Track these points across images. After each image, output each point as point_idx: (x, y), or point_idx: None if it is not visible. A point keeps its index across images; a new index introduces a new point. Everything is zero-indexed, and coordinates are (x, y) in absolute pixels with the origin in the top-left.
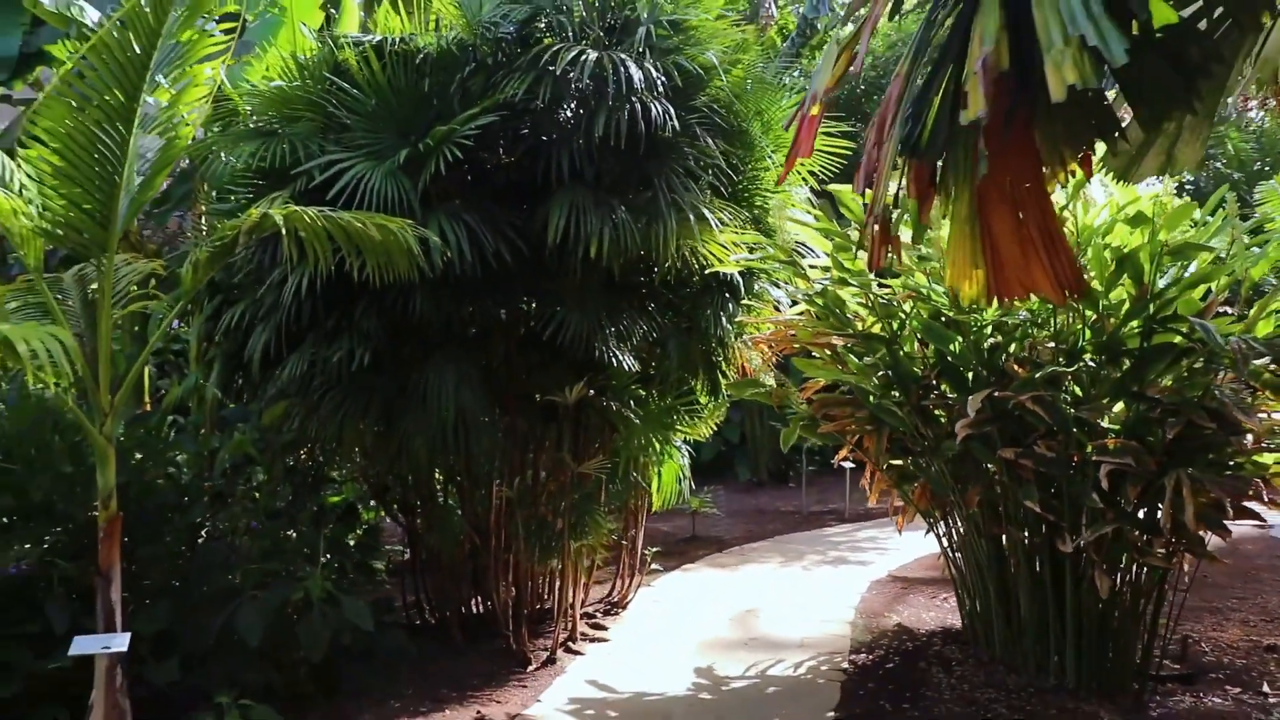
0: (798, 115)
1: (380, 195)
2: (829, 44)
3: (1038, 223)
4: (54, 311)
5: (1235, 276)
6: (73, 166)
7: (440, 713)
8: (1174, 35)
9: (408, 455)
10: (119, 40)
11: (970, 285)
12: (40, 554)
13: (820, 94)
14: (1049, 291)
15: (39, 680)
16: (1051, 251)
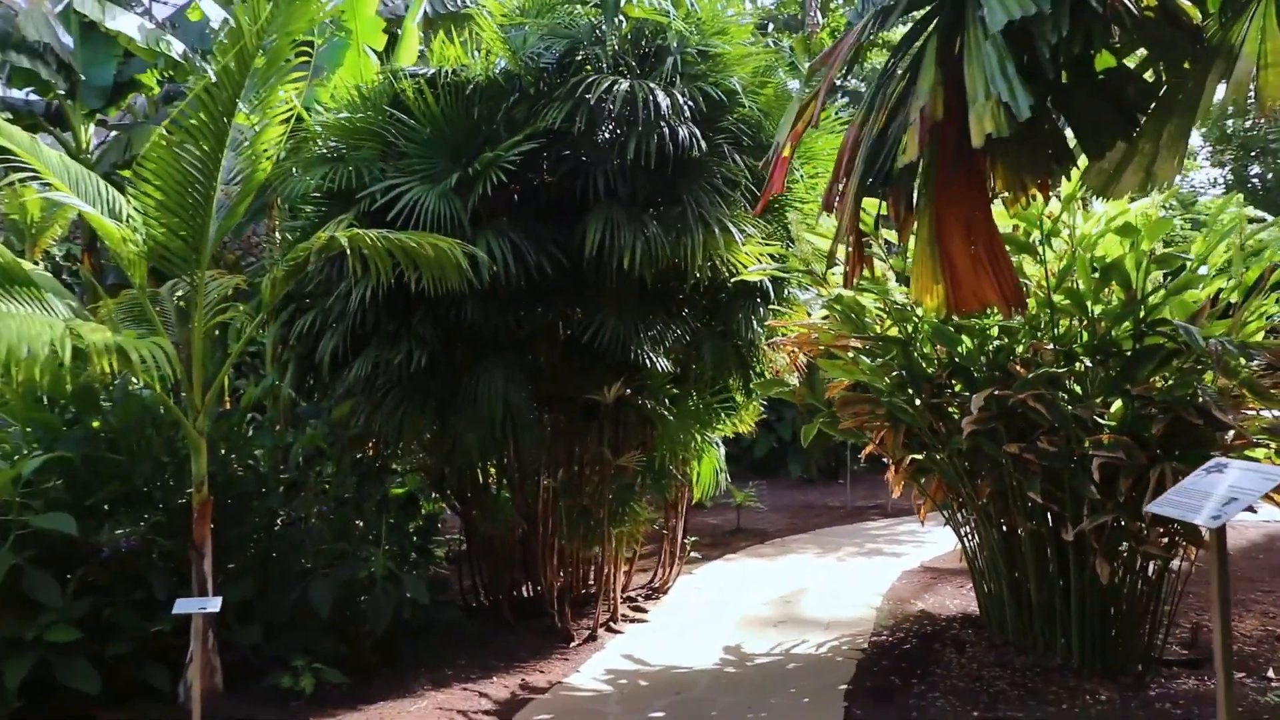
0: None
1: (434, 215)
2: (793, 101)
3: (985, 245)
4: (155, 323)
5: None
6: (172, 201)
7: (489, 680)
8: (1114, 77)
9: (461, 449)
10: (208, 98)
11: (931, 299)
12: (143, 533)
13: (783, 144)
14: (997, 303)
15: (143, 641)
16: (998, 269)
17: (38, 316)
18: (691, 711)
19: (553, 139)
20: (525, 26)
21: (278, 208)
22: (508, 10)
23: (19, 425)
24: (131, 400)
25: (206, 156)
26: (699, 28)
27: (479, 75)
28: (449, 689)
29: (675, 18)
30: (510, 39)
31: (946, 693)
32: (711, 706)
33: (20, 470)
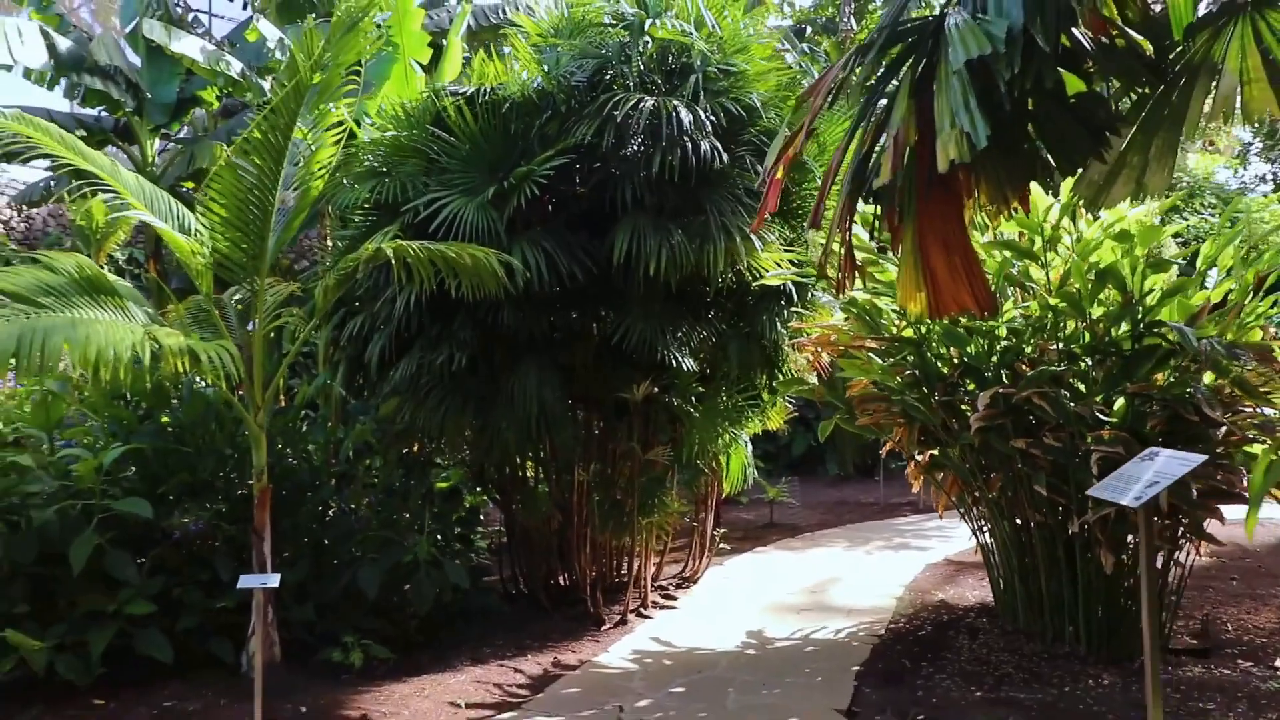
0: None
1: (473, 226)
2: (781, 127)
3: (961, 256)
4: (220, 327)
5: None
6: (235, 218)
7: (524, 657)
8: (1084, 101)
9: (499, 445)
10: (267, 125)
11: (915, 305)
12: (208, 518)
13: (771, 167)
14: (972, 308)
15: (209, 617)
16: (972, 278)
17: (121, 322)
18: (710, 688)
19: (583, 153)
20: (558, 47)
21: (329, 216)
22: (542, 30)
23: (99, 419)
24: (197, 398)
25: (265, 177)
26: (720, 47)
27: (515, 93)
28: (486, 665)
29: (697, 38)
30: (544, 58)
31: (954, 674)
32: (729, 684)
33: (102, 460)
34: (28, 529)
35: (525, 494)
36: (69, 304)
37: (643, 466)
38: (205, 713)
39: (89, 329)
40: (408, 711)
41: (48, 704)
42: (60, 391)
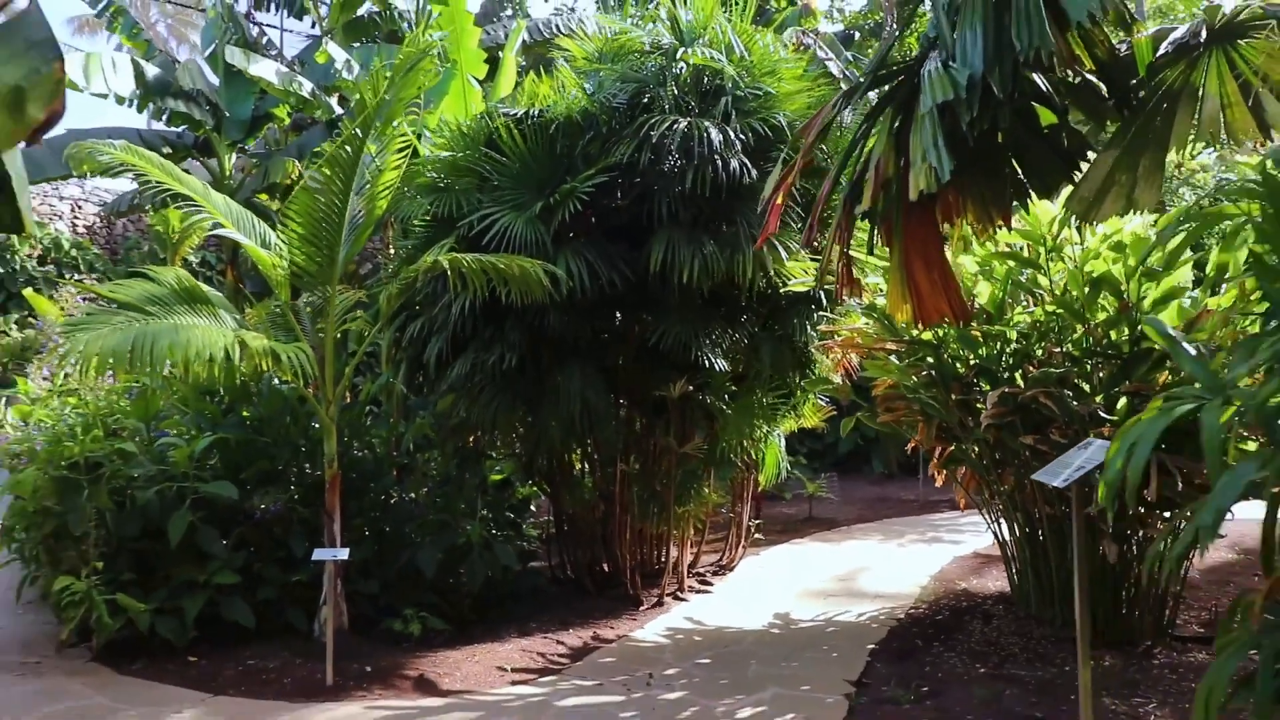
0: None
1: (522, 238)
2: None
3: (939, 272)
4: (296, 330)
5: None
6: (310, 234)
7: (566, 632)
8: (1056, 131)
9: (546, 439)
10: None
11: (902, 314)
12: (284, 501)
13: (771, 194)
14: (950, 317)
15: (285, 589)
16: (949, 291)
17: (214, 327)
18: (734, 660)
19: (623, 170)
20: (601, 72)
21: (392, 225)
22: (588, 54)
23: (190, 412)
24: (275, 393)
25: (336, 200)
26: (749, 71)
27: (561, 114)
28: (532, 637)
29: (727, 64)
30: (589, 81)
31: (962, 654)
32: (752, 657)
33: (193, 448)
34: (132, 508)
35: (571, 485)
36: (171, 311)
37: (679, 460)
38: (283, 670)
39: (189, 333)
40: (459, 673)
41: (150, 659)
42: (157, 387)
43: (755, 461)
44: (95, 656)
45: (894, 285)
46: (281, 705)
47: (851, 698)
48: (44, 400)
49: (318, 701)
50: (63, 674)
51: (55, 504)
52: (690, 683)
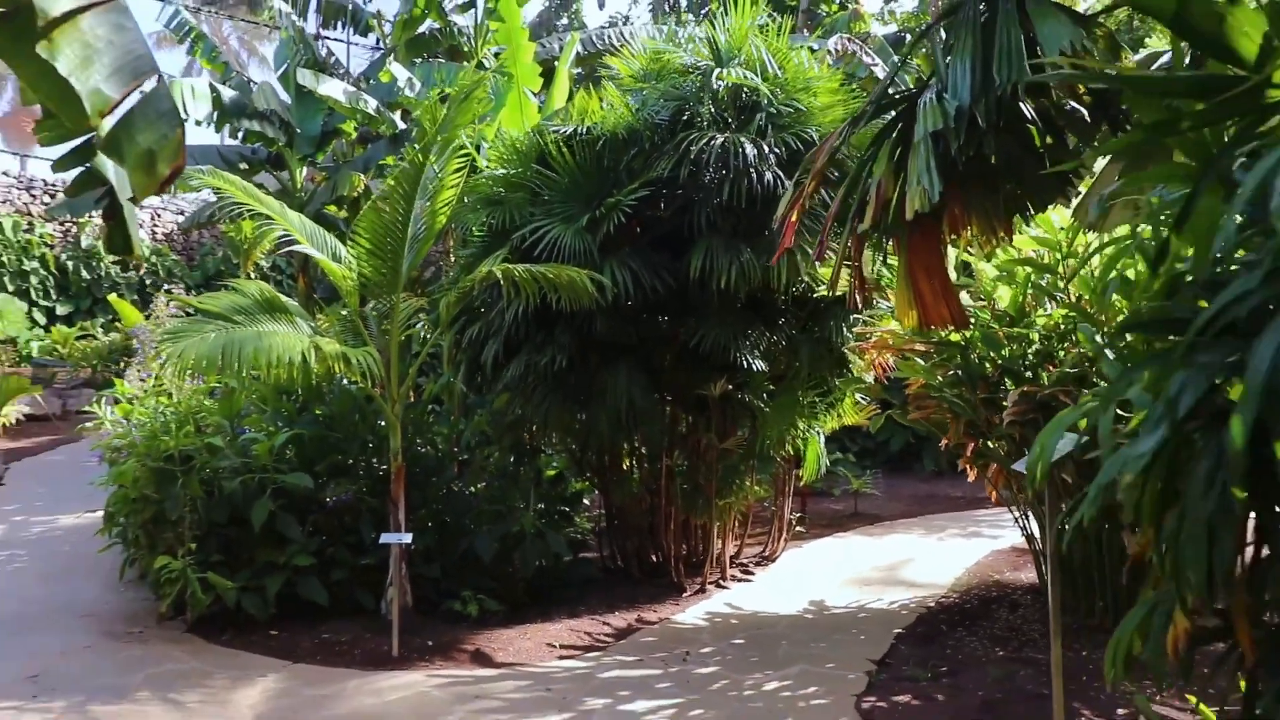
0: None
1: (570, 249)
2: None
3: (940, 281)
4: (364, 336)
5: None
6: (376, 248)
7: (612, 614)
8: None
9: (595, 435)
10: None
11: (908, 319)
12: (354, 491)
13: (785, 213)
14: (950, 323)
15: (355, 571)
16: (949, 298)
17: (292, 333)
18: (766, 641)
19: (664, 183)
20: (644, 90)
21: (453, 233)
22: (633, 72)
23: (269, 410)
24: (345, 393)
25: (399, 217)
26: (783, 88)
27: (607, 131)
28: (580, 619)
29: (760, 83)
30: (634, 99)
31: (984, 638)
32: (783, 638)
33: (273, 443)
34: (220, 496)
35: (620, 479)
36: (254, 320)
37: (720, 455)
38: (354, 642)
39: (270, 340)
40: (512, 648)
41: (236, 631)
42: (240, 387)
43: (796, 457)
44: (189, 628)
45: (901, 293)
46: (353, 673)
47: (872, 675)
48: (142, 400)
49: (384, 670)
50: (162, 642)
51: (153, 492)
52: (723, 660)
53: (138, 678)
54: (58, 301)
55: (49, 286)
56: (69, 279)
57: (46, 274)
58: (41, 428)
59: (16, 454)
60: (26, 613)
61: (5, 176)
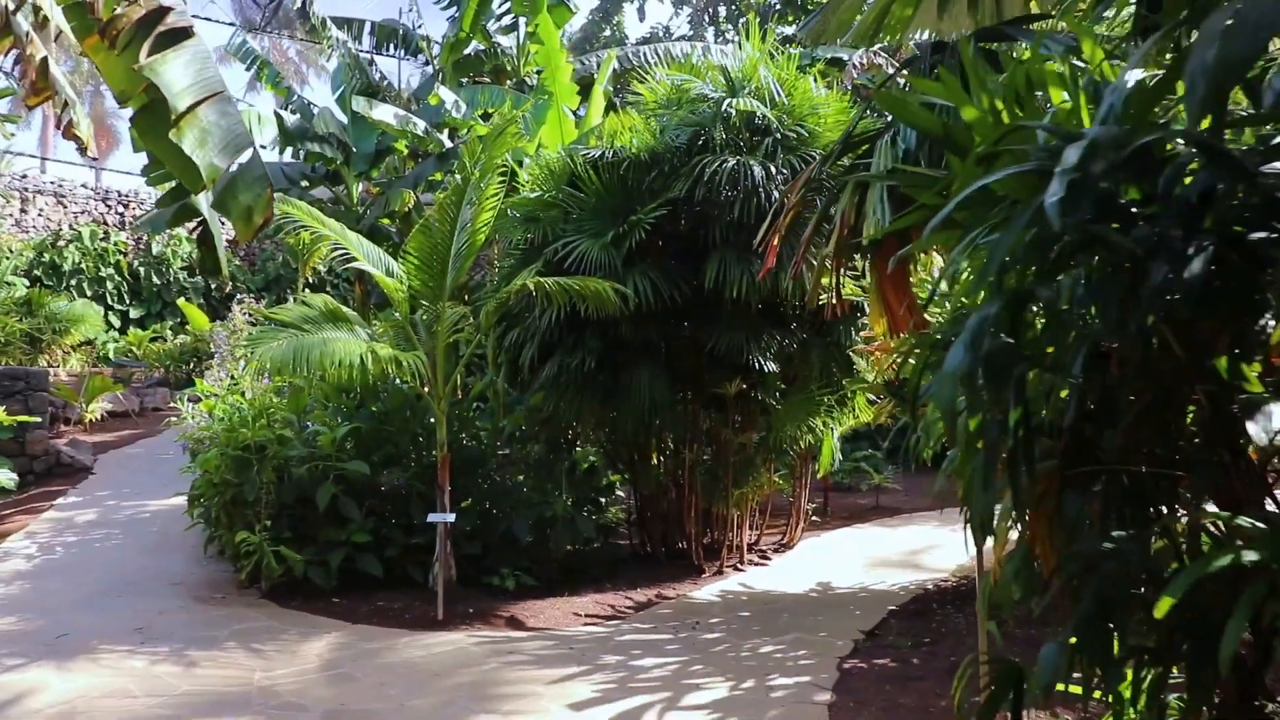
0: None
1: (596, 261)
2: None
3: (905, 294)
4: (413, 341)
5: None
6: (424, 264)
7: (635, 591)
8: None
9: (621, 430)
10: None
11: (880, 326)
12: (405, 478)
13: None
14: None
15: (406, 549)
16: (913, 309)
17: (352, 339)
18: (769, 614)
19: (682, 201)
20: (665, 115)
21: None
22: (657, 98)
23: (331, 406)
24: (397, 391)
25: (443, 238)
26: (790, 114)
27: (632, 154)
28: (605, 594)
29: (767, 111)
30: (657, 123)
31: (970, 615)
32: (785, 612)
33: (335, 435)
34: (289, 481)
35: (647, 471)
36: (320, 328)
37: (736, 449)
38: (404, 609)
39: (334, 345)
40: (542, 616)
41: (304, 598)
42: (305, 386)
43: (810, 452)
44: (264, 595)
45: (874, 304)
46: (403, 632)
47: (859, 642)
48: (221, 397)
49: (431, 631)
50: (241, 605)
51: (232, 477)
52: (728, 628)
53: (224, 632)
54: (131, 305)
55: (123, 291)
56: (141, 284)
57: (121, 280)
58: (122, 423)
59: (102, 446)
60: (128, 581)
61: (84, 189)
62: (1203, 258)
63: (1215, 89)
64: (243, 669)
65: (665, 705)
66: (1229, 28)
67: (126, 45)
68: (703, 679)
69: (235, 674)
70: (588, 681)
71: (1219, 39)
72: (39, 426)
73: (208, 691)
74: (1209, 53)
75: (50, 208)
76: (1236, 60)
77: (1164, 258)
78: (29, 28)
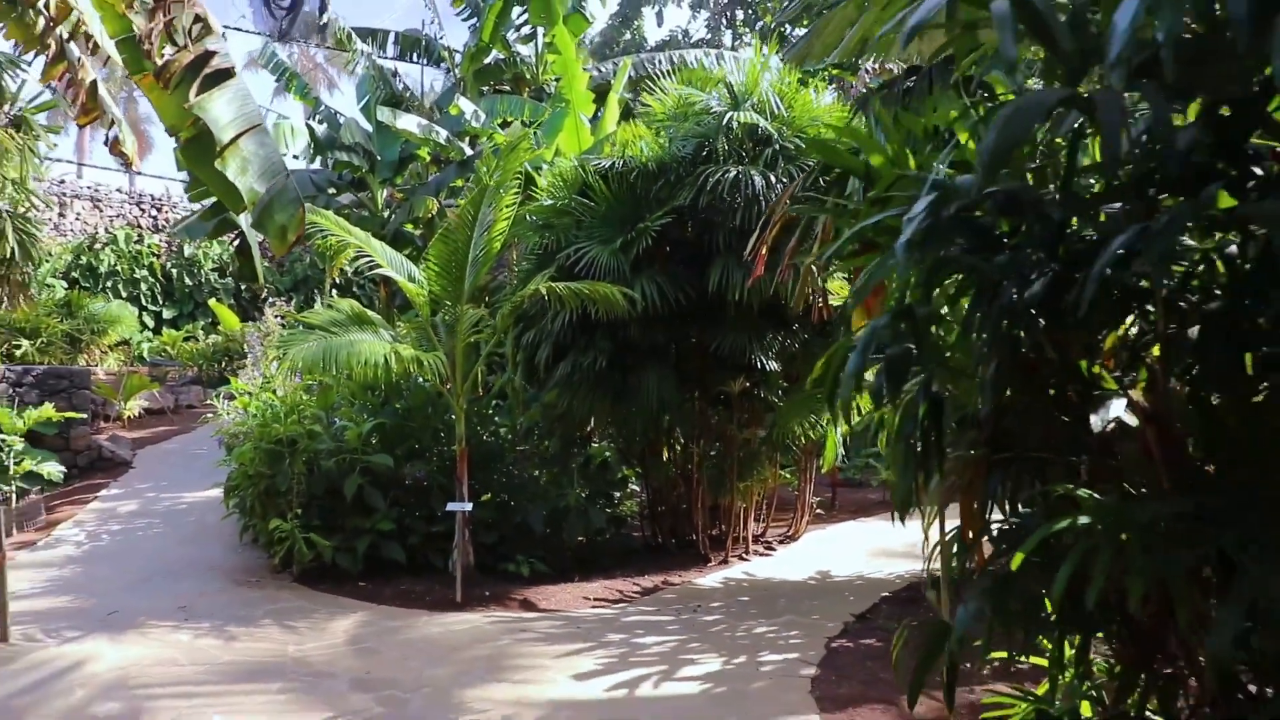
0: (755, 253)
1: (606, 267)
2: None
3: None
4: (434, 342)
5: None
6: (443, 270)
7: (643, 577)
8: None
9: (629, 426)
10: (464, 213)
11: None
12: (427, 471)
13: (756, 246)
14: None
15: (427, 537)
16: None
17: (376, 341)
18: (768, 599)
19: (687, 209)
20: (672, 127)
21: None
22: (666, 109)
23: (357, 403)
24: (419, 389)
25: (461, 246)
26: (789, 125)
27: (639, 164)
28: (614, 580)
29: (767, 124)
30: (666, 131)
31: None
32: (783, 597)
33: (361, 430)
34: (319, 473)
35: (658, 465)
36: (347, 330)
37: (741, 444)
38: (425, 592)
39: (360, 346)
40: (554, 599)
41: (333, 582)
42: (333, 385)
43: (813, 448)
44: (295, 579)
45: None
46: (423, 612)
47: (848, 624)
48: (255, 394)
49: (449, 611)
50: (275, 588)
51: (266, 469)
52: (727, 611)
53: (259, 611)
54: (164, 306)
55: (156, 292)
56: (173, 285)
57: (154, 281)
58: (158, 420)
59: (140, 442)
60: (170, 566)
61: (119, 193)
62: (1043, 282)
63: (992, 164)
64: (277, 642)
65: (661, 677)
66: (1006, 118)
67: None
68: (698, 655)
69: (271, 646)
70: (592, 656)
71: (998, 127)
72: (83, 423)
73: (247, 661)
74: (990, 137)
75: (87, 212)
76: (1005, 146)
77: (1013, 281)
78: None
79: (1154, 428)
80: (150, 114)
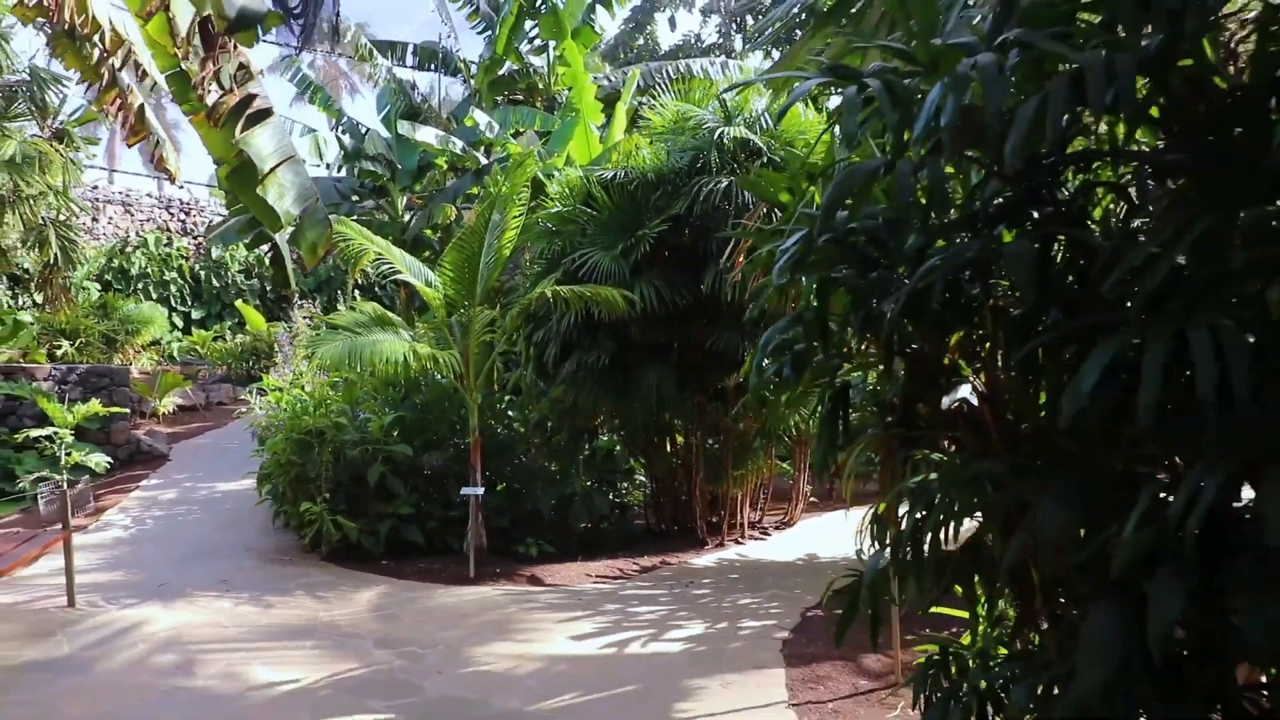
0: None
1: (607, 271)
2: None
3: None
4: (449, 341)
5: None
6: (457, 275)
7: (642, 558)
8: None
9: (631, 419)
10: (476, 223)
11: None
12: (444, 460)
13: (733, 258)
14: None
15: (444, 521)
16: None
17: (396, 340)
18: (755, 577)
19: (683, 216)
20: (670, 140)
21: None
22: (664, 123)
23: (379, 398)
24: (436, 385)
25: (473, 253)
26: (777, 138)
27: (640, 174)
28: (616, 560)
29: (756, 138)
30: (665, 143)
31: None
32: (770, 575)
33: (383, 422)
34: (344, 461)
35: (658, 454)
36: (369, 330)
37: (735, 435)
38: (442, 569)
39: (381, 345)
40: (559, 576)
41: (358, 561)
42: (357, 381)
43: (806, 439)
44: (324, 557)
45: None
46: (440, 586)
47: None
48: (286, 390)
49: (464, 586)
50: (305, 565)
51: (296, 458)
52: (716, 587)
53: (292, 584)
54: (192, 307)
55: (185, 294)
56: (202, 287)
57: (183, 283)
58: (191, 416)
59: (175, 437)
60: (209, 548)
61: (148, 198)
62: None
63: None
64: (309, 610)
65: (649, 638)
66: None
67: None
68: (685, 621)
69: (303, 613)
70: (590, 622)
71: (834, 183)
72: (123, 418)
73: (282, 624)
74: (829, 191)
75: (119, 216)
76: (837, 197)
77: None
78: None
79: (988, 406)
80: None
